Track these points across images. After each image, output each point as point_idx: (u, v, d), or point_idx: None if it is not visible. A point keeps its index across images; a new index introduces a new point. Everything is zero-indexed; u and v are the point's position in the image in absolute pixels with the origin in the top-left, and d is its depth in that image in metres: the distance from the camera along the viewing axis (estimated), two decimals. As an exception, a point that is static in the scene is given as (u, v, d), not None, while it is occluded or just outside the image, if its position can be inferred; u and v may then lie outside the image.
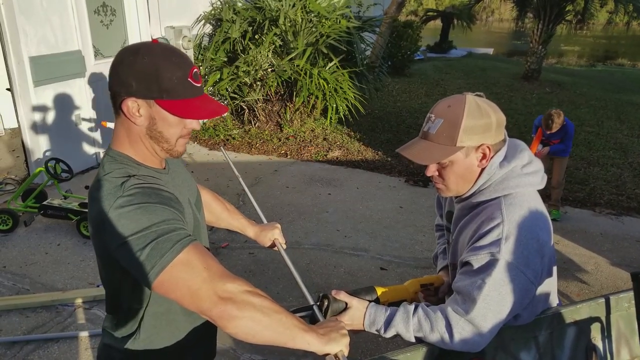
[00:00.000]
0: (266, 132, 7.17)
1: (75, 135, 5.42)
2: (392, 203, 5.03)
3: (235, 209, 1.80)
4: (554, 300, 1.50)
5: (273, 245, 1.76)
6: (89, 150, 5.64)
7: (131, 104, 1.12)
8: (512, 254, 1.24)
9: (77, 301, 3.22)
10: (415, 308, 1.33)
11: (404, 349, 1.31)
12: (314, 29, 7.05)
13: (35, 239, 4.06)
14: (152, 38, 5.76)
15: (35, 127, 4.97)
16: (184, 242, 1.05)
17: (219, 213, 1.73)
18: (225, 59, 7.03)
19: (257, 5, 7.15)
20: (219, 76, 6.82)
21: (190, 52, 6.51)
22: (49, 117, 5.07)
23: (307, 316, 1.29)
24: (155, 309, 1.25)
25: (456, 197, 1.44)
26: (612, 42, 31.11)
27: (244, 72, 6.76)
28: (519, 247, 1.25)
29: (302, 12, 6.95)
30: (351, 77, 7.06)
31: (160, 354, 1.29)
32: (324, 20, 7.14)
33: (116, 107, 1.16)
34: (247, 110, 7.28)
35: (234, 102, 7.15)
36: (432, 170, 1.36)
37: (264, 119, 7.33)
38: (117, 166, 1.15)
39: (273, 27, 6.85)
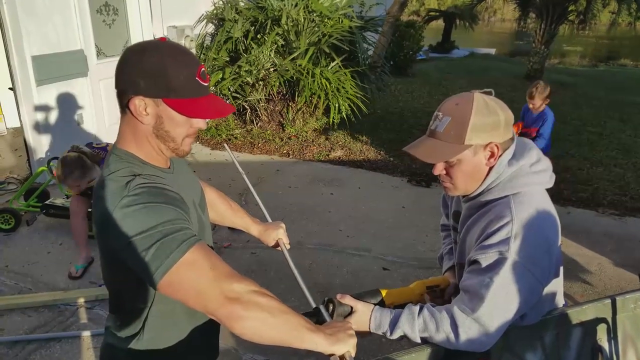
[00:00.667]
0: (268, 132, 7.16)
1: (77, 134, 5.41)
2: (395, 203, 5.02)
3: (239, 207, 1.80)
4: (560, 301, 1.49)
5: (277, 244, 1.74)
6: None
7: (138, 103, 1.11)
8: (520, 252, 1.23)
9: (79, 301, 3.21)
10: (421, 309, 1.32)
11: (409, 349, 1.30)
12: (316, 29, 7.04)
13: (38, 238, 4.05)
14: (154, 36, 5.75)
15: (37, 126, 4.96)
16: (190, 241, 1.04)
17: (223, 211, 1.72)
18: (228, 59, 7.02)
19: (260, 4, 7.15)
20: (221, 76, 6.81)
21: (193, 51, 6.51)
22: (51, 116, 5.07)
23: (313, 317, 1.28)
24: (160, 309, 1.24)
25: (464, 196, 1.43)
26: (615, 43, 31.04)
27: (246, 71, 6.75)
28: (527, 246, 1.24)
29: (305, 11, 6.94)
30: (353, 77, 7.05)
31: (163, 353, 1.28)
32: (326, 20, 7.13)
33: (122, 105, 1.15)
34: (249, 110, 7.27)
35: (236, 102, 7.14)
36: (439, 169, 1.35)
37: (266, 118, 7.32)
38: (123, 165, 1.14)
39: (275, 27, 6.85)
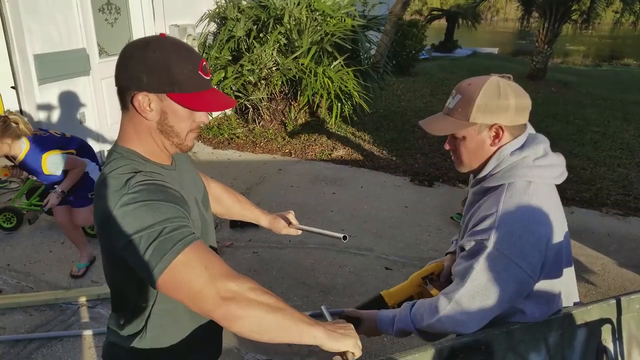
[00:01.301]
0: (270, 131, 7.16)
1: (79, 133, 5.38)
2: (397, 202, 5.01)
3: (246, 199, 1.78)
4: (570, 299, 1.48)
5: (289, 223, 1.77)
6: (93, 148, 5.62)
7: (142, 99, 1.11)
8: (503, 243, 1.26)
9: (81, 299, 3.21)
10: (414, 303, 1.42)
11: (412, 350, 1.29)
12: (318, 28, 7.03)
13: (39, 237, 4.05)
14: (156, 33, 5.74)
15: (39, 125, 4.96)
16: (185, 241, 1.03)
17: (230, 205, 1.71)
18: (230, 58, 7.01)
19: (262, 3, 7.14)
20: (223, 75, 6.80)
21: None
22: (53, 115, 5.07)
23: (317, 318, 1.28)
24: (162, 307, 1.23)
25: (473, 179, 1.49)
26: (618, 42, 30.95)
27: (248, 70, 6.74)
28: (511, 238, 1.26)
29: (307, 10, 6.93)
30: (356, 76, 7.04)
31: (166, 352, 1.28)
32: (328, 19, 7.12)
33: (124, 102, 1.14)
34: (251, 109, 7.27)
35: (238, 101, 7.13)
36: (448, 145, 1.44)
37: (268, 117, 7.31)
38: (124, 162, 1.13)
39: (278, 26, 6.83)
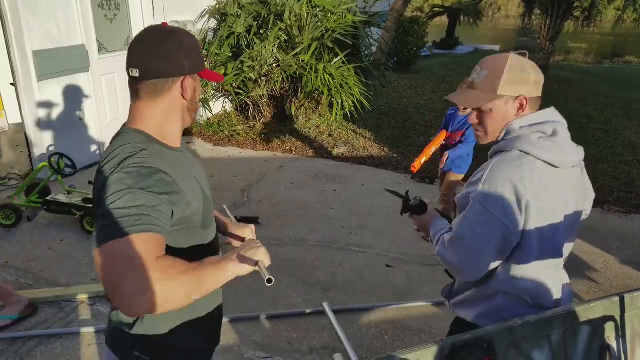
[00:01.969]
0: (271, 128, 7.13)
1: (78, 130, 5.40)
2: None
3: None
4: (555, 291, 1.54)
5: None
6: (93, 145, 5.61)
7: (187, 82, 1.24)
8: (487, 199, 1.39)
9: (81, 297, 3.19)
10: (444, 229, 1.60)
11: (413, 347, 1.27)
12: (319, 24, 6.99)
13: (39, 234, 4.04)
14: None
15: (38, 122, 4.95)
16: (132, 229, 1.05)
17: None
18: (230, 54, 6.98)
19: None
20: (223, 71, 6.77)
21: (195, 47, 6.47)
22: (52, 112, 5.05)
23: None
24: None
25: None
26: (620, 40, 30.82)
27: (248, 67, 6.72)
28: (494, 195, 1.38)
29: (308, 6, 6.90)
30: (357, 73, 7.01)
31: (165, 337, 1.33)
32: (329, 15, 7.09)
33: (158, 90, 1.22)
34: (251, 106, 7.25)
35: (238, 98, 7.11)
36: (473, 118, 1.53)
37: (268, 114, 7.29)
38: (129, 140, 1.20)
39: (278, 22, 6.80)
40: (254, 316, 3.09)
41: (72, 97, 5.26)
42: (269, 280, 1.20)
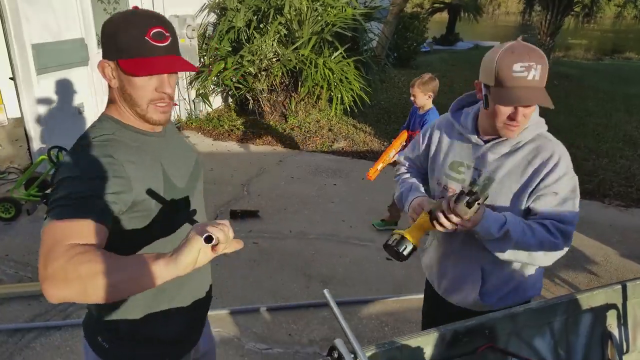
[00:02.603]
0: (271, 123, 7.12)
1: (78, 123, 5.38)
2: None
3: None
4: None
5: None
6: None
7: (102, 65, 1.18)
8: (570, 169, 1.48)
9: (80, 289, 3.18)
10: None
11: (414, 334, 1.26)
12: (319, 18, 6.97)
13: (38, 227, 4.01)
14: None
15: (38, 115, 4.93)
16: (58, 213, 1.03)
17: None
18: (230, 49, 6.97)
19: (262, -6, 7.09)
20: (223, 66, 6.76)
21: (195, 41, 6.45)
22: (51, 105, 5.03)
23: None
24: None
25: (486, 141, 1.55)
26: (620, 36, 30.76)
27: (248, 61, 6.70)
28: (568, 165, 1.49)
29: (308, 0, 6.87)
30: (357, 67, 6.99)
31: (128, 323, 1.31)
32: (329, 9, 7.07)
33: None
34: (251, 101, 7.23)
35: (238, 92, 7.09)
36: (524, 117, 1.43)
37: (268, 109, 7.27)
38: (95, 127, 1.21)
39: (278, 16, 6.78)
40: (254, 308, 3.08)
41: (71, 90, 5.24)
42: (206, 238, 0.96)
